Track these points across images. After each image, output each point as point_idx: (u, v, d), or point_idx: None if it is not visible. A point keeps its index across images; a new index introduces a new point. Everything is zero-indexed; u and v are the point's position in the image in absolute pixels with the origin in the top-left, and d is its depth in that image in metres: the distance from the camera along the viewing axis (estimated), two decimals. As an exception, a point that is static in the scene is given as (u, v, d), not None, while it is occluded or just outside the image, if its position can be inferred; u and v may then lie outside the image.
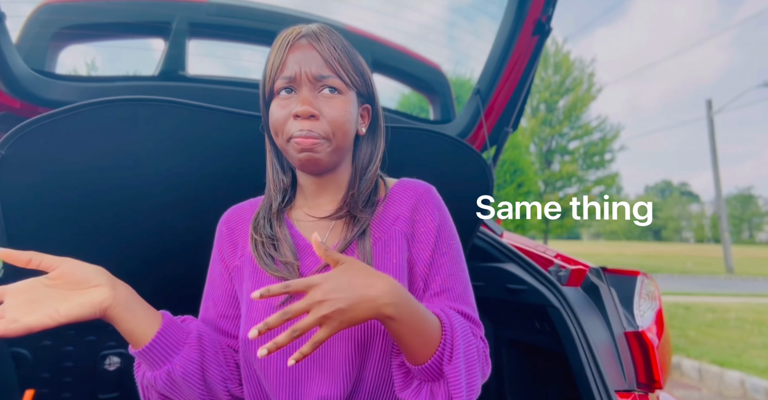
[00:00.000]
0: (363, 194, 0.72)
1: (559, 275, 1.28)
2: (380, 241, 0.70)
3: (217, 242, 0.80)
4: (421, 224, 0.72)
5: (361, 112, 0.74)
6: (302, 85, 0.65)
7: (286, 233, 0.72)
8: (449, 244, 0.73)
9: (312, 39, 0.67)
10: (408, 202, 0.73)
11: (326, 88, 0.66)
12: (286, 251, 0.70)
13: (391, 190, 0.76)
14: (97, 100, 0.85)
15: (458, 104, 1.86)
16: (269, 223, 0.73)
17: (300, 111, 0.63)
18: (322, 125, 0.65)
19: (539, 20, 1.30)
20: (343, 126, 0.66)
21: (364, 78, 0.71)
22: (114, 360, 1.29)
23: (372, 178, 0.73)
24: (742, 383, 3.16)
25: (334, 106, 0.66)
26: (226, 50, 1.51)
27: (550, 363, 1.37)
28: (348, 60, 0.68)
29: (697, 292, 8.17)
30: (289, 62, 0.66)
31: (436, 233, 0.71)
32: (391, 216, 0.73)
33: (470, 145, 1.17)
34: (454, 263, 0.72)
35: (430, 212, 0.73)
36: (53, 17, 1.25)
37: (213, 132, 0.97)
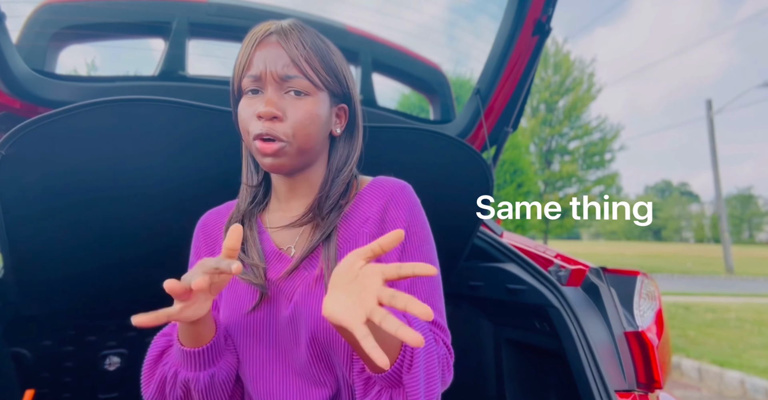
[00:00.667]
0: (332, 198, 0.69)
1: (559, 275, 1.28)
2: (348, 243, 0.69)
3: (195, 247, 0.79)
4: (390, 226, 0.69)
5: (337, 112, 0.71)
6: (267, 84, 0.64)
7: (255, 237, 0.71)
8: (418, 247, 0.69)
9: (280, 36, 0.65)
10: (378, 202, 0.71)
11: (292, 91, 0.64)
12: (254, 255, 0.69)
13: (362, 190, 0.73)
14: (97, 100, 0.85)
15: (458, 104, 1.86)
16: (241, 223, 0.72)
17: (262, 112, 0.62)
18: (283, 127, 0.63)
19: (539, 20, 1.30)
20: (307, 128, 0.64)
21: (337, 77, 0.68)
22: (114, 360, 1.29)
23: (345, 180, 0.71)
24: (742, 383, 3.16)
25: (299, 108, 0.64)
26: (226, 50, 1.51)
27: (550, 363, 1.37)
28: (318, 58, 0.65)
29: (697, 292, 8.17)
30: (255, 60, 0.64)
31: (408, 236, 0.69)
32: (360, 217, 0.70)
33: (470, 145, 1.17)
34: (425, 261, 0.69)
35: (401, 213, 0.70)
36: (53, 17, 1.25)
37: (213, 132, 0.97)
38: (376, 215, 0.70)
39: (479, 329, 1.50)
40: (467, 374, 1.53)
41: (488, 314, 1.48)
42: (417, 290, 0.68)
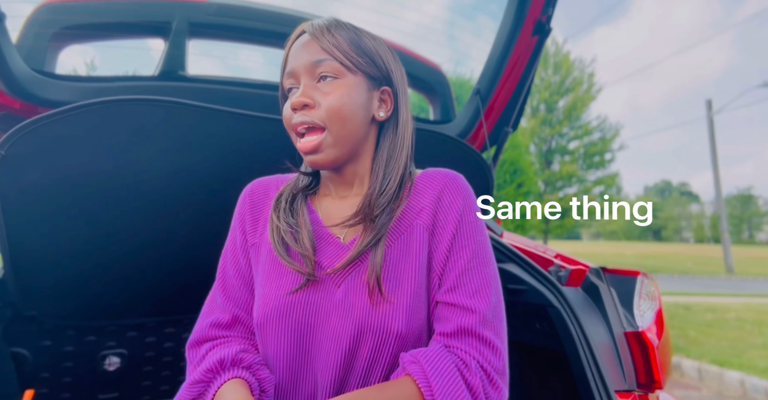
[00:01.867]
0: (385, 196, 0.66)
1: (559, 275, 1.28)
2: (403, 236, 0.67)
3: (239, 211, 0.77)
4: (442, 214, 0.67)
5: (381, 97, 0.69)
6: (300, 77, 0.65)
7: (306, 220, 0.69)
8: (471, 236, 0.66)
9: (311, 32, 0.66)
10: (432, 192, 0.69)
11: (323, 76, 0.64)
12: (305, 241, 0.66)
13: (416, 181, 0.71)
14: (97, 100, 0.85)
15: (458, 104, 1.86)
16: (290, 206, 0.71)
17: (294, 102, 0.63)
18: (317, 113, 0.63)
19: (539, 20, 1.30)
20: (341, 111, 0.63)
21: (372, 58, 0.67)
22: (114, 360, 1.29)
23: (396, 174, 0.68)
24: (742, 383, 3.16)
25: (330, 92, 0.64)
26: (226, 50, 1.51)
27: (550, 363, 1.37)
28: (347, 42, 0.65)
29: (697, 292, 8.18)
30: (289, 58, 0.67)
31: (456, 224, 0.66)
32: (415, 209, 0.69)
33: (470, 145, 1.17)
34: (475, 257, 0.65)
35: (454, 201, 0.68)
36: (53, 17, 1.25)
37: (213, 132, 0.97)
38: (430, 205, 0.68)
39: (479, 329, 1.50)
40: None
41: (488, 314, 1.48)
42: (467, 283, 0.64)
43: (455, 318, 0.62)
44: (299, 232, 0.68)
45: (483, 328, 0.61)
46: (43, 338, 1.21)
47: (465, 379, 0.57)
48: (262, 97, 1.29)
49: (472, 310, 0.62)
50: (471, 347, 0.60)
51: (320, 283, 0.66)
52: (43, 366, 1.21)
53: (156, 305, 1.28)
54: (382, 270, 0.64)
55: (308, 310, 0.65)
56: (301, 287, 0.66)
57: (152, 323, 1.34)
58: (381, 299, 0.63)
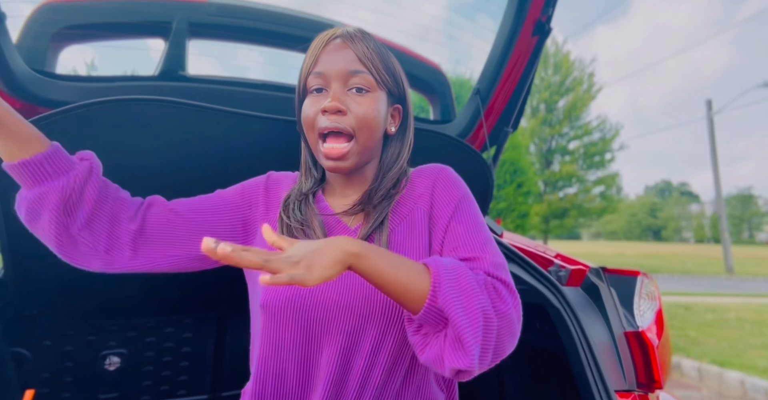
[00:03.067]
0: (382, 190, 0.73)
1: (559, 275, 1.28)
2: (405, 220, 0.72)
3: (253, 186, 0.81)
4: (439, 199, 0.72)
5: (392, 113, 0.76)
6: (332, 81, 0.68)
7: (315, 211, 0.73)
8: (468, 212, 0.71)
9: (346, 38, 0.69)
10: (428, 180, 0.75)
11: (355, 88, 0.68)
12: (317, 230, 0.71)
13: (411, 175, 0.78)
14: (97, 100, 0.85)
15: (458, 104, 1.86)
16: (299, 206, 0.74)
17: (328, 106, 0.66)
18: (348, 120, 0.67)
19: (539, 20, 1.30)
20: (370, 122, 0.68)
21: (395, 78, 0.73)
22: (114, 360, 1.29)
23: (395, 176, 0.75)
24: (742, 383, 3.16)
25: (362, 103, 0.68)
26: (226, 50, 1.51)
27: (550, 363, 1.37)
28: (380, 59, 0.70)
29: (697, 292, 8.18)
30: (321, 59, 0.69)
31: (455, 206, 0.71)
32: (414, 195, 0.74)
33: (470, 145, 1.17)
34: (469, 223, 0.69)
35: (449, 187, 0.73)
36: (53, 17, 1.25)
37: (213, 132, 0.97)
38: (427, 191, 0.74)
39: (479, 329, 1.50)
40: (467, 374, 1.53)
41: (488, 314, 1.48)
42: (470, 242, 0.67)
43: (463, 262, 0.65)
44: (310, 223, 0.72)
45: (491, 266, 0.64)
46: (43, 338, 1.21)
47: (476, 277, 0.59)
48: (262, 97, 1.29)
49: (477, 258, 0.65)
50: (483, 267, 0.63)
51: None
52: (43, 366, 1.21)
53: (156, 305, 1.28)
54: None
55: (318, 292, 0.67)
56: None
57: (152, 323, 1.34)
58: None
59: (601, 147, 18.78)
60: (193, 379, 1.42)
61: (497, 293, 0.60)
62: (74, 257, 0.69)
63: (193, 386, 1.42)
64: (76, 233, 0.66)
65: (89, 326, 1.26)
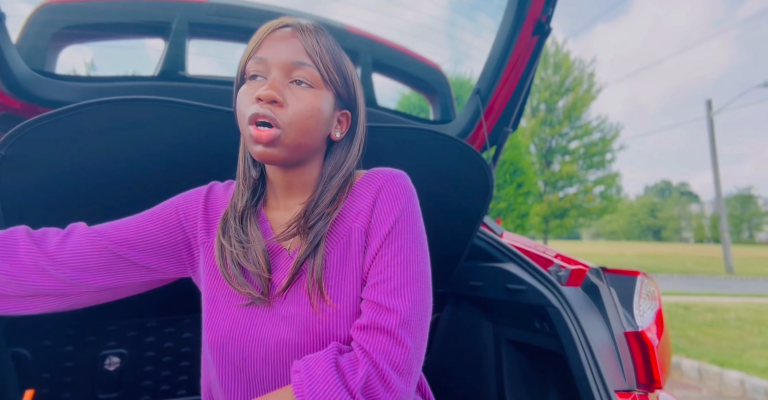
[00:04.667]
0: (320, 206, 0.66)
1: (559, 275, 1.28)
2: (342, 241, 0.67)
3: (190, 202, 0.74)
4: (377, 216, 0.66)
5: (339, 117, 0.70)
6: (272, 68, 0.62)
7: (258, 235, 0.67)
8: (399, 233, 0.65)
9: (296, 29, 0.64)
10: (369, 194, 0.68)
11: (298, 80, 0.63)
12: (260, 259, 0.65)
13: (356, 183, 0.71)
14: (97, 100, 0.85)
15: (458, 104, 1.86)
16: (240, 223, 0.68)
17: (262, 94, 0.59)
18: (282, 113, 0.61)
19: (539, 20, 1.30)
20: (306, 120, 0.62)
21: (346, 81, 0.68)
22: (114, 360, 1.29)
23: (337, 185, 0.68)
24: (742, 383, 3.16)
25: (302, 98, 0.62)
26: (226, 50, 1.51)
27: (549, 363, 1.37)
28: (330, 57, 0.65)
29: (697, 292, 8.17)
30: (265, 45, 0.63)
31: (391, 226, 0.65)
32: (353, 212, 0.68)
33: (470, 145, 1.17)
34: (399, 254, 0.63)
35: (389, 203, 0.66)
36: (53, 17, 1.25)
37: (213, 132, 0.97)
38: (367, 207, 0.67)
39: (479, 329, 1.50)
40: (467, 374, 1.53)
41: (488, 314, 1.48)
42: (389, 278, 0.62)
43: (370, 313, 0.61)
44: (250, 249, 0.66)
45: (396, 326, 0.59)
46: (43, 338, 1.21)
47: (345, 382, 0.55)
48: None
49: (388, 308, 0.60)
50: (374, 343, 0.58)
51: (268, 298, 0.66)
52: (43, 366, 1.21)
53: (156, 305, 1.28)
54: (324, 277, 0.64)
55: (257, 326, 0.65)
56: (250, 303, 0.66)
57: (152, 323, 1.34)
58: (325, 306, 0.63)
59: (601, 147, 18.78)
60: (193, 379, 1.42)
61: (373, 391, 0.57)
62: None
63: (193, 386, 1.42)
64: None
65: (89, 326, 1.26)
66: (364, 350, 0.58)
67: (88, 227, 0.71)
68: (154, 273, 0.73)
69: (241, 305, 0.67)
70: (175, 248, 0.73)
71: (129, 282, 0.72)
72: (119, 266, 0.70)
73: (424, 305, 0.63)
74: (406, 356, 0.58)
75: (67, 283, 0.67)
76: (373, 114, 1.47)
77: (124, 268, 0.70)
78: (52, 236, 0.69)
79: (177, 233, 0.73)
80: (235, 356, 0.66)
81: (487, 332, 1.48)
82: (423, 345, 0.62)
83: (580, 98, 18.39)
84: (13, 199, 0.89)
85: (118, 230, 0.71)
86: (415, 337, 0.60)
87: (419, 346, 0.61)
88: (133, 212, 1.02)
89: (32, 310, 0.69)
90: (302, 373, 0.57)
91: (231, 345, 0.66)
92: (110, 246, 0.69)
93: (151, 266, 0.72)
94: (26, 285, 0.65)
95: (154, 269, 0.73)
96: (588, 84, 18.66)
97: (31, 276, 0.65)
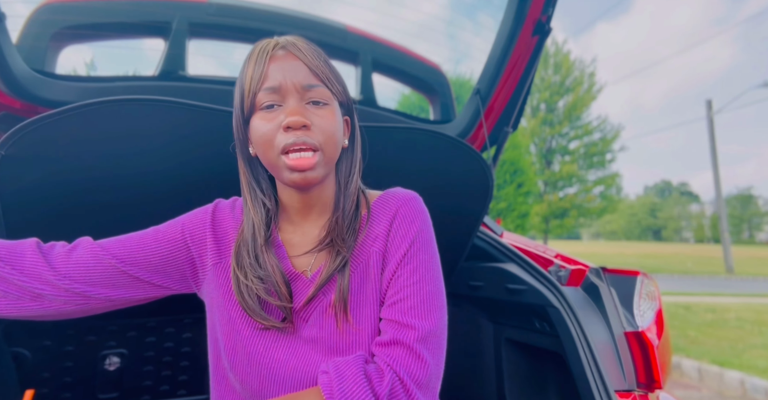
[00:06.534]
0: (347, 216, 0.68)
1: (559, 275, 1.28)
2: (361, 265, 0.68)
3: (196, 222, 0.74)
4: (394, 239, 0.68)
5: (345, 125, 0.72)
6: (288, 95, 0.63)
7: (276, 263, 0.67)
8: (415, 254, 0.67)
9: (293, 48, 0.64)
10: (386, 217, 0.70)
11: (312, 101, 0.64)
12: (281, 289, 0.66)
13: (372, 206, 0.72)
14: (97, 100, 0.85)
15: (458, 104, 1.86)
16: (256, 259, 0.68)
17: (291, 122, 0.60)
18: (315, 135, 0.62)
19: (539, 20, 1.30)
20: (334, 136, 0.64)
21: (344, 88, 0.70)
22: (114, 360, 1.29)
23: (354, 192, 0.70)
24: (742, 383, 3.16)
25: (325, 117, 0.63)
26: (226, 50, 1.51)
27: (550, 363, 1.37)
28: (329, 70, 0.66)
29: (697, 292, 8.17)
30: (272, 72, 0.63)
31: (407, 249, 0.67)
32: (371, 235, 0.70)
33: (470, 145, 1.17)
34: (415, 273, 0.66)
35: (405, 226, 0.69)
36: (53, 17, 1.25)
37: (213, 132, 0.97)
38: (384, 231, 0.69)
39: (479, 329, 1.50)
40: (467, 374, 1.53)
41: (488, 314, 1.48)
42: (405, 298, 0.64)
43: (391, 331, 0.63)
44: (273, 279, 0.66)
45: (416, 342, 0.61)
46: (43, 338, 1.21)
47: (372, 389, 0.56)
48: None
49: (407, 325, 0.62)
50: (396, 357, 0.60)
51: (290, 320, 0.67)
52: (43, 366, 1.21)
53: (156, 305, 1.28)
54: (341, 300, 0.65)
55: (279, 349, 0.66)
56: (270, 327, 0.67)
57: (152, 323, 1.34)
58: (347, 327, 0.65)
59: (601, 147, 18.79)
60: (193, 379, 1.42)
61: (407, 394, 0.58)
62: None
63: (193, 386, 1.42)
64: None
65: (89, 326, 1.26)
66: (388, 364, 0.60)
67: (93, 242, 0.73)
68: (157, 289, 0.74)
69: (261, 329, 0.68)
70: (179, 267, 0.73)
71: (132, 296, 0.73)
72: (123, 280, 0.71)
73: (442, 323, 0.64)
74: (426, 371, 0.60)
75: (70, 292, 0.69)
76: (373, 114, 1.47)
77: (127, 283, 0.71)
78: (59, 249, 0.71)
79: (182, 254, 0.73)
80: (257, 375, 0.67)
81: (487, 332, 1.48)
82: (442, 362, 0.63)
83: (580, 98, 18.38)
84: (13, 199, 0.89)
85: (124, 246, 0.72)
86: (434, 353, 0.62)
87: (438, 363, 0.62)
88: (133, 210, 1.02)
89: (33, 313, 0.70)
90: (331, 374, 0.58)
91: (254, 366, 0.67)
92: (115, 262, 0.70)
93: (155, 282, 0.73)
94: (28, 288, 0.67)
95: (157, 285, 0.74)
96: (588, 84, 18.66)
97: (33, 283, 0.67)
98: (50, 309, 0.70)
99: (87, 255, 0.70)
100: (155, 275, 0.72)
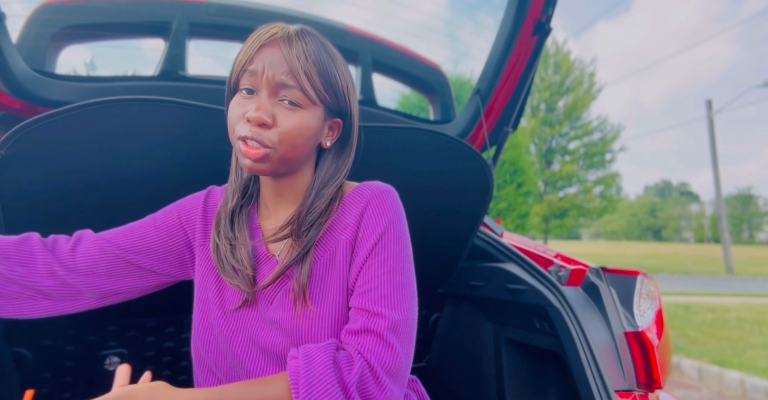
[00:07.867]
0: (313, 213, 0.68)
1: (559, 274, 1.28)
2: (327, 253, 0.69)
3: (190, 206, 0.78)
4: (365, 230, 0.69)
5: (330, 125, 0.70)
6: (263, 87, 0.63)
7: (246, 237, 0.71)
8: (387, 245, 0.68)
9: (284, 42, 0.63)
10: (357, 208, 0.70)
11: (286, 100, 0.63)
12: (244, 259, 0.69)
13: (345, 197, 0.73)
14: (97, 100, 0.85)
15: (458, 104, 1.86)
16: (230, 222, 0.72)
17: (252, 117, 0.61)
18: (270, 134, 0.62)
19: (539, 20, 1.30)
20: (294, 139, 0.63)
21: (336, 93, 0.67)
22: (114, 360, 1.29)
23: (330, 194, 0.70)
24: (742, 383, 3.16)
25: (290, 118, 0.63)
26: (226, 50, 1.51)
27: (550, 363, 1.37)
28: (318, 72, 0.63)
29: (697, 292, 8.18)
30: (256, 59, 0.63)
31: (376, 240, 0.67)
32: (341, 225, 0.70)
33: (470, 145, 1.17)
34: (386, 264, 0.66)
35: (376, 218, 0.69)
36: (53, 17, 1.25)
37: (213, 132, 0.97)
38: (354, 221, 0.70)
39: (479, 329, 1.50)
40: (467, 374, 1.53)
41: (488, 314, 1.48)
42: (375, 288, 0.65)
43: (360, 319, 0.64)
44: (238, 248, 0.70)
45: (386, 331, 0.62)
46: (43, 338, 1.21)
47: (341, 377, 0.57)
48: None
49: (377, 314, 0.63)
50: (367, 345, 0.61)
51: (256, 302, 0.70)
52: (43, 366, 1.21)
53: (156, 305, 1.28)
54: (309, 284, 0.67)
55: (248, 328, 0.69)
56: (240, 307, 0.70)
57: (152, 323, 1.34)
58: (307, 311, 0.66)
59: (601, 147, 18.78)
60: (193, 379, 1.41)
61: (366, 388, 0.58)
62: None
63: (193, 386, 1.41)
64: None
65: (89, 326, 1.26)
66: (358, 352, 0.61)
67: (95, 234, 0.75)
68: (159, 277, 0.77)
69: (232, 310, 0.71)
70: (178, 251, 0.77)
71: (135, 286, 0.76)
72: (127, 270, 0.74)
73: (412, 313, 0.66)
74: (396, 359, 0.61)
75: (75, 288, 0.71)
76: (373, 114, 1.47)
77: (131, 272, 0.74)
78: (63, 243, 0.73)
79: (180, 237, 0.77)
80: (227, 354, 0.70)
81: (487, 332, 1.48)
82: (411, 351, 0.65)
83: (580, 98, 18.38)
84: (13, 199, 0.89)
85: (125, 236, 0.75)
86: (404, 341, 0.63)
87: (408, 351, 0.64)
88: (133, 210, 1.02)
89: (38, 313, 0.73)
90: (300, 359, 0.59)
91: (223, 345, 0.70)
92: (118, 252, 0.73)
93: (157, 269, 0.76)
94: (37, 288, 0.69)
95: (159, 272, 0.77)
96: (588, 84, 18.66)
97: (44, 280, 0.69)
98: (56, 308, 0.73)
99: (92, 247, 0.72)
100: (157, 262, 0.75)
